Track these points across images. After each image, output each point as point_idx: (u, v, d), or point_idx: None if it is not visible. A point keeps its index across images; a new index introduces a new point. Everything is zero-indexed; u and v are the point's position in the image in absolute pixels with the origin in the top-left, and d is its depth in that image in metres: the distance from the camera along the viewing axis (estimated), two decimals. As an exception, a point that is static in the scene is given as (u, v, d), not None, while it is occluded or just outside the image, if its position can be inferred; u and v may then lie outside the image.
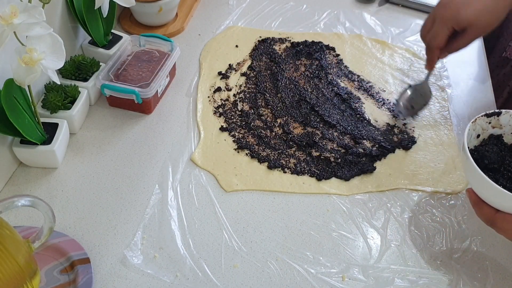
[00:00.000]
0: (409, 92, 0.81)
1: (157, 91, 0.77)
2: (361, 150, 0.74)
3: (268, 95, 0.82)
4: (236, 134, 0.76)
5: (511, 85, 0.98)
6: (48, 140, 0.67)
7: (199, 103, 0.80)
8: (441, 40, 0.71)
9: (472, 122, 0.63)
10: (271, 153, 0.74)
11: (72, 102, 0.72)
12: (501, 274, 0.61)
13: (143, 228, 0.63)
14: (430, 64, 0.76)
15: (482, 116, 0.64)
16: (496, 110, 0.64)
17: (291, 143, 0.75)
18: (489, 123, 0.65)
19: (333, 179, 0.71)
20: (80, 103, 0.73)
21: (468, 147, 0.63)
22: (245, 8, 1.02)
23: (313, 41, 0.93)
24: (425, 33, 0.73)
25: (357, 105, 0.82)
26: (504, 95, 1.02)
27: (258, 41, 0.93)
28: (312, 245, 0.63)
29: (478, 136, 0.65)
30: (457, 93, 0.86)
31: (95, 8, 0.75)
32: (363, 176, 0.72)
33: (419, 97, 0.80)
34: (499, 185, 0.54)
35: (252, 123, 0.78)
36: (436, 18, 0.71)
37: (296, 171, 0.71)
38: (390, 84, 0.87)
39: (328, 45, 0.93)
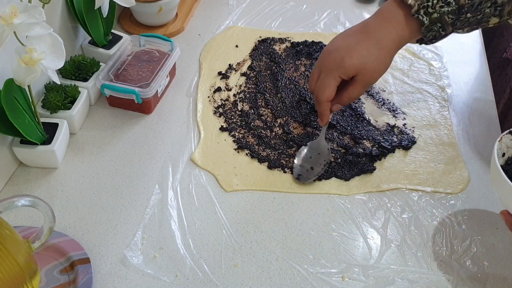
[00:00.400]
0: (305, 150, 0.73)
1: (157, 91, 0.77)
2: (361, 150, 0.74)
3: (268, 95, 0.82)
4: (236, 134, 0.76)
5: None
6: (48, 140, 0.67)
7: (199, 103, 0.80)
8: (330, 92, 0.66)
9: (498, 141, 0.61)
10: (271, 153, 0.74)
11: (72, 102, 0.72)
12: (501, 274, 0.61)
13: (143, 228, 0.63)
14: (322, 119, 0.70)
15: (507, 133, 0.62)
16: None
17: (291, 143, 0.75)
18: None
19: (333, 179, 0.71)
20: (80, 103, 0.73)
21: None
22: (245, 8, 1.02)
23: (313, 41, 0.93)
24: (313, 86, 0.69)
25: (357, 105, 0.82)
26: (506, 96, 1.02)
27: (258, 41, 0.93)
28: (312, 245, 0.63)
29: (503, 154, 0.63)
30: (457, 93, 0.86)
31: (95, 8, 0.75)
32: (363, 176, 0.72)
33: (317, 156, 0.72)
34: None
35: (252, 123, 0.78)
36: (322, 69, 0.67)
37: (296, 171, 0.71)
38: (390, 84, 0.87)
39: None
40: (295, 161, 0.72)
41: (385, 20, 0.65)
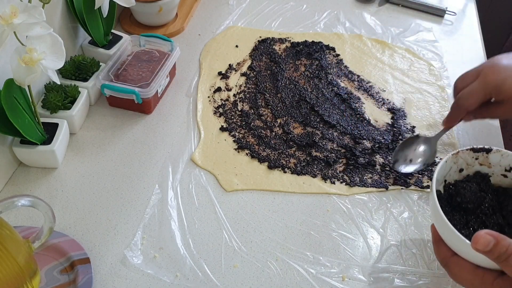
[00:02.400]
0: (414, 141, 0.71)
1: (157, 91, 0.77)
2: (361, 150, 0.74)
3: (268, 95, 0.82)
4: (236, 134, 0.76)
5: None
6: (48, 140, 0.67)
7: (199, 103, 0.80)
8: (475, 103, 0.64)
9: (452, 154, 0.57)
10: (271, 153, 0.74)
11: (72, 102, 0.72)
12: (501, 274, 0.61)
13: (143, 228, 0.63)
14: (450, 122, 0.68)
15: (467, 150, 0.58)
16: (486, 146, 0.58)
17: (291, 143, 0.75)
18: (476, 158, 0.58)
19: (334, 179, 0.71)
20: (80, 103, 0.73)
21: (446, 181, 0.58)
22: (245, 8, 1.02)
23: (313, 41, 0.93)
24: (461, 86, 0.67)
25: (357, 105, 0.82)
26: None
27: (258, 41, 0.93)
28: (312, 245, 0.63)
29: (461, 170, 0.59)
30: (457, 93, 0.86)
31: (95, 8, 0.75)
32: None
33: (421, 152, 0.70)
34: (469, 227, 0.51)
35: (252, 123, 0.78)
36: (480, 76, 0.64)
37: (296, 171, 0.71)
38: (390, 84, 0.87)
39: (328, 45, 0.93)
40: (398, 146, 0.71)
41: None
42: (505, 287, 0.46)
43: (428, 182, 0.71)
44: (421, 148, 0.71)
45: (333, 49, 0.93)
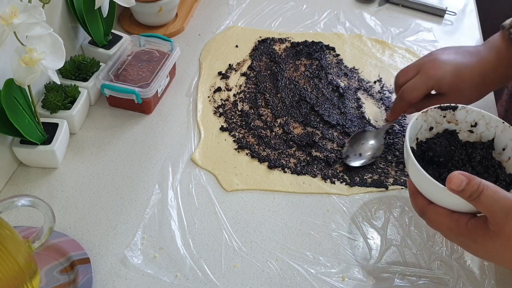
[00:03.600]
0: (360, 136, 0.75)
1: (157, 91, 0.77)
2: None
3: (268, 95, 0.82)
4: (236, 134, 0.76)
5: (510, 87, 0.98)
6: (48, 140, 0.67)
7: (199, 103, 0.80)
8: (418, 96, 0.67)
9: (422, 113, 0.61)
10: (271, 153, 0.74)
11: (72, 102, 0.72)
12: (501, 274, 0.61)
13: (143, 228, 0.63)
14: (394, 115, 0.72)
15: (435, 108, 0.61)
16: (452, 104, 0.61)
17: (291, 143, 0.75)
18: (444, 116, 0.62)
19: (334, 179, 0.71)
20: (80, 103, 0.73)
21: (418, 139, 0.62)
22: (245, 8, 1.02)
23: (313, 41, 0.93)
24: (403, 81, 0.69)
25: (357, 105, 0.82)
26: (504, 97, 1.02)
27: (258, 41, 0.93)
28: (312, 245, 0.63)
29: (431, 129, 0.63)
30: (457, 93, 0.86)
31: (95, 8, 0.75)
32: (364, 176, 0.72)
33: (369, 146, 0.74)
34: (442, 179, 0.53)
35: (252, 123, 0.78)
36: (422, 71, 0.67)
37: (296, 171, 0.71)
38: (390, 84, 0.87)
39: (328, 45, 0.93)
40: (347, 142, 0.74)
41: (492, 48, 0.68)
42: (477, 227, 0.49)
43: None
44: (370, 142, 0.74)
45: (333, 49, 0.93)
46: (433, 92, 0.69)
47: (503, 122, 0.59)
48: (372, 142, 0.74)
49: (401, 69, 0.72)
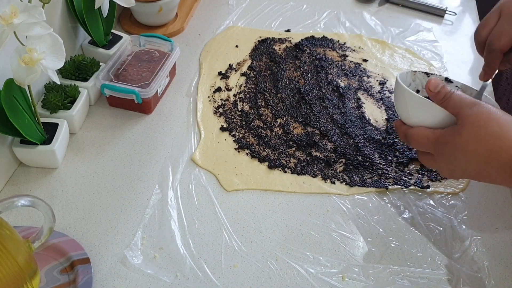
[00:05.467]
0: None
1: (157, 91, 0.77)
2: (360, 149, 0.74)
3: (268, 95, 0.82)
4: (237, 134, 0.76)
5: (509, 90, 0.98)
6: (48, 140, 0.67)
7: (199, 103, 0.80)
8: (508, 42, 0.60)
9: (412, 71, 0.66)
10: (271, 153, 0.74)
11: (72, 102, 0.72)
12: (501, 274, 0.61)
13: (143, 228, 0.63)
14: (488, 72, 0.65)
15: (423, 72, 0.66)
16: (438, 74, 0.67)
17: (291, 143, 0.75)
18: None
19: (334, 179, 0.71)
20: (80, 103, 0.73)
21: None
22: (245, 8, 1.02)
23: (312, 36, 0.94)
24: (486, 32, 0.63)
25: (357, 104, 0.82)
26: (502, 102, 1.02)
27: (258, 41, 0.93)
28: (312, 245, 0.63)
29: (418, 91, 0.66)
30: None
31: (95, 8, 0.75)
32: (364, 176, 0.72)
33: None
34: None
35: (252, 123, 0.78)
36: (503, 14, 0.60)
37: (296, 171, 0.71)
38: (391, 84, 0.87)
39: (332, 39, 0.94)
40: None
41: None
42: (449, 130, 0.55)
43: (428, 181, 0.71)
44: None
45: (337, 42, 0.94)
46: None
47: (476, 89, 0.63)
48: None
49: (479, 24, 0.65)
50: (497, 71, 0.66)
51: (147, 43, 0.82)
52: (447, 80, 0.66)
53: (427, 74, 0.67)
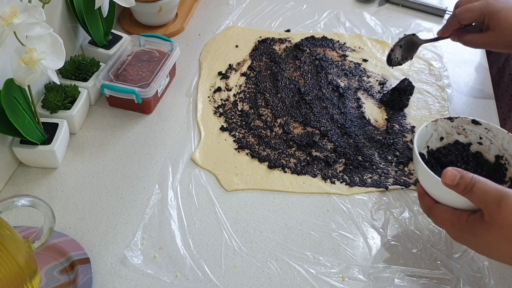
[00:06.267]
0: (403, 42, 0.82)
1: (157, 91, 0.77)
2: (360, 149, 0.74)
3: (268, 95, 0.82)
4: (237, 134, 0.76)
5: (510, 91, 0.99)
6: (48, 140, 0.67)
7: (199, 103, 0.80)
8: (469, 18, 0.72)
9: (432, 121, 0.63)
10: (271, 152, 0.74)
11: (72, 102, 0.72)
12: (501, 274, 0.61)
13: (143, 228, 0.63)
14: (443, 31, 0.78)
15: (445, 119, 0.64)
16: (462, 116, 0.64)
17: (291, 143, 0.75)
18: (454, 127, 0.65)
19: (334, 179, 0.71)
20: (80, 103, 0.73)
21: (429, 147, 0.64)
22: (245, 8, 1.02)
23: (312, 36, 0.94)
24: (464, 1, 0.74)
25: (357, 104, 0.82)
26: (505, 99, 1.02)
27: (258, 41, 0.93)
28: (312, 245, 0.63)
29: (442, 138, 0.65)
30: (457, 93, 0.86)
31: (95, 8, 0.75)
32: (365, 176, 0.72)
33: (408, 50, 0.83)
34: None
35: (252, 123, 0.78)
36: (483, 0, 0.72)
37: (296, 171, 0.71)
38: (390, 84, 0.87)
39: (332, 39, 0.94)
40: (396, 49, 0.81)
41: None
42: (475, 220, 0.52)
43: None
44: (407, 47, 0.83)
45: (337, 42, 0.94)
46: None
47: (508, 133, 0.61)
48: (412, 45, 0.82)
49: None
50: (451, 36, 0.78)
51: (147, 43, 0.82)
52: (474, 122, 0.64)
53: (450, 119, 0.64)
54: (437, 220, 0.57)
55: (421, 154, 0.63)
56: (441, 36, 0.79)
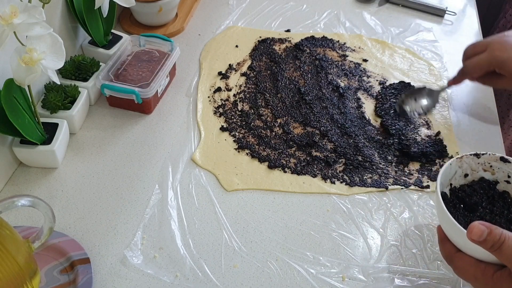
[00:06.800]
0: (422, 94, 0.80)
1: (157, 91, 0.77)
2: (360, 149, 0.74)
3: (268, 95, 0.82)
4: (237, 134, 0.76)
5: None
6: (48, 140, 0.67)
7: (199, 103, 0.80)
8: (478, 73, 0.71)
9: (457, 158, 0.59)
10: (271, 152, 0.74)
11: (72, 102, 0.72)
12: (501, 274, 0.61)
13: (143, 228, 0.63)
14: (453, 82, 0.76)
15: (470, 155, 0.59)
16: (490, 153, 0.59)
17: (291, 143, 0.75)
18: (480, 164, 0.60)
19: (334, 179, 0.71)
20: (80, 103, 0.73)
21: (452, 184, 0.60)
22: (245, 8, 1.02)
23: (312, 36, 0.94)
24: (469, 54, 0.73)
25: (357, 104, 0.82)
26: (504, 98, 1.02)
27: (258, 41, 0.93)
28: (312, 245, 0.63)
29: (466, 175, 0.61)
30: (457, 93, 0.86)
31: (95, 8, 0.75)
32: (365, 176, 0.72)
33: (425, 102, 0.80)
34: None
35: (252, 123, 0.78)
36: (488, 50, 0.70)
37: (296, 171, 0.71)
38: (390, 84, 0.87)
39: (332, 39, 0.94)
40: (403, 95, 0.80)
41: None
42: (503, 279, 0.48)
43: (428, 182, 0.71)
44: (424, 98, 0.80)
45: (337, 42, 0.94)
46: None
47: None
48: (426, 99, 0.79)
49: (472, 43, 0.75)
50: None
51: (147, 43, 0.82)
52: (503, 159, 0.60)
53: (477, 155, 0.60)
54: (458, 270, 0.52)
55: (444, 194, 0.58)
56: (451, 85, 0.77)
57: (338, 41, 0.95)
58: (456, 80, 0.76)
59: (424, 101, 0.79)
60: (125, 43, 0.81)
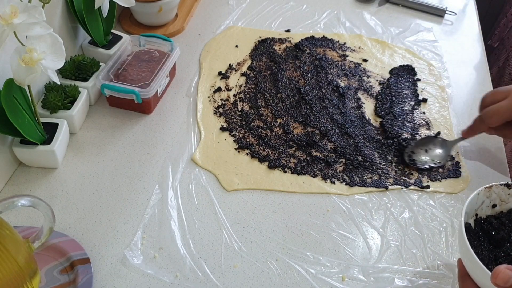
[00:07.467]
0: (435, 143, 0.75)
1: (157, 91, 0.77)
2: (360, 149, 0.74)
3: (268, 95, 0.82)
4: (237, 134, 0.76)
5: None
6: (48, 140, 0.67)
7: (199, 103, 0.80)
8: (498, 122, 0.66)
9: (485, 188, 0.55)
10: (271, 152, 0.74)
11: (72, 102, 0.72)
12: (501, 274, 0.61)
13: (143, 228, 0.63)
14: (469, 133, 0.71)
15: (501, 185, 0.56)
16: None
17: (291, 143, 0.75)
18: (510, 195, 0.57)
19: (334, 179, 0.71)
20: (80, 103, 0.73)
21: (478, 215, 0.57)
22: (245, 8, 1.02)
23: (312, 36, 0.94)
24: (489, 101, 0.67)
25: (357, 104, 0.82)
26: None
27: (258, 41, 0.93)
28: (312, 245, 0.63)
29: (494, 206, 0.57)
30: (457, 93, 0.86)
31: (95, 8, 0.75)
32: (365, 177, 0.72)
33: (435, 153, 0.74)
34: (498, 264, 0.50)
35: (252, 123, 0.78)
36: (510, 97, 0.65)
37: (296, 171, 0.71)
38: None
39: (332, 39, 0.94)
40: (415, 143, 0.75)
41: None
42: None
43: (428, 182, 0.71)
44: (437, 149, 0.74)
45: (337, 42, 0.94)
46: None
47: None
48: (439, 150, 0.74)
49: (490, 90, 0.70)
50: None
51: (147, 43, 0.82)
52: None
53: (507, 186, 0.56)
54: None
55: (468, 225, 0.55)
56: (467, 137, 0.72)
57: (338, 41, 0.95)
58: (472, 130, 0.70)
59: (438, 151, 0.74)
60: (125, 43, 0.81)
